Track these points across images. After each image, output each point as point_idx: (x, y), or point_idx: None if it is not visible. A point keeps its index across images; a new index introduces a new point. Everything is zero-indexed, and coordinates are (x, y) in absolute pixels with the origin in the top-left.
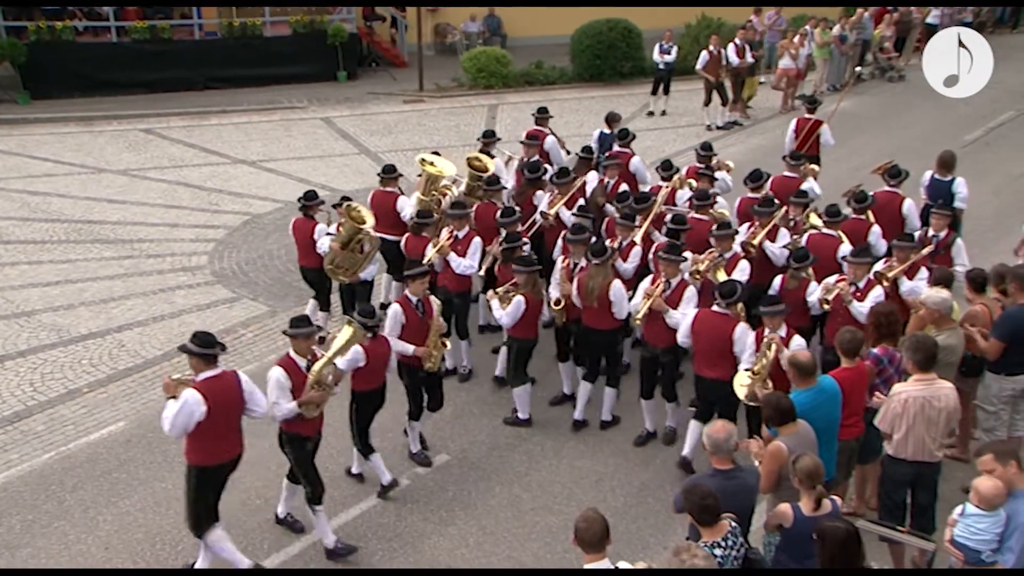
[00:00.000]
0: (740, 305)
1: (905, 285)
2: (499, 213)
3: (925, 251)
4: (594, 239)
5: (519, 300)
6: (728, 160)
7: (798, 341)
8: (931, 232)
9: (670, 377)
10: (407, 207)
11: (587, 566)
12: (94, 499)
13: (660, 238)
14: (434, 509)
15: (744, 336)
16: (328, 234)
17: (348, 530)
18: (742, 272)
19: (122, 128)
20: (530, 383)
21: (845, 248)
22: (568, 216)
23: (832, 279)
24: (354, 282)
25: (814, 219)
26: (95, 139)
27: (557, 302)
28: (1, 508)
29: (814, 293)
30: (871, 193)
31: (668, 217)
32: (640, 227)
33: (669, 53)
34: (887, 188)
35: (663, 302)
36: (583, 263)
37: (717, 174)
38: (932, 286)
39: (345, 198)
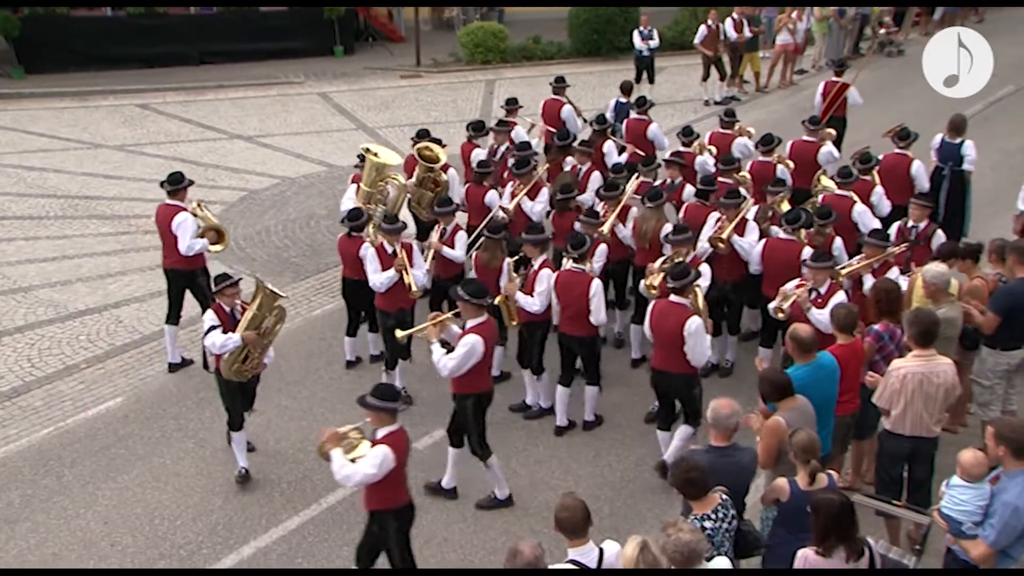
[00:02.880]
0: (803, 232)
1: (869, 281)
2: (436, 202)
3: (898, 249)
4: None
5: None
6: (749, 127)
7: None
8: (911, 223)
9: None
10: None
11: (571, 551)
12: (92, 474)
13: (624, 231)
14: None
15: None
16: (213, 327)
17: (346, 505)
18: (704, 277)
19: (118, 103)
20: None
21: (858, 208)
22: (530, 208)
23: (791, 284)
24: (258, 372)
25: (825, 181)
26: (90, 114)
27: (505, 298)
28: (0, 483)
29: (772, 301)
30: (880, 156)
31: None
32: (605, 222)
33: (652, 38)
34: (896, 150)
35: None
36: (538, 262)
37: (738, 139)
38: (937, 260)
39: (223, 276)
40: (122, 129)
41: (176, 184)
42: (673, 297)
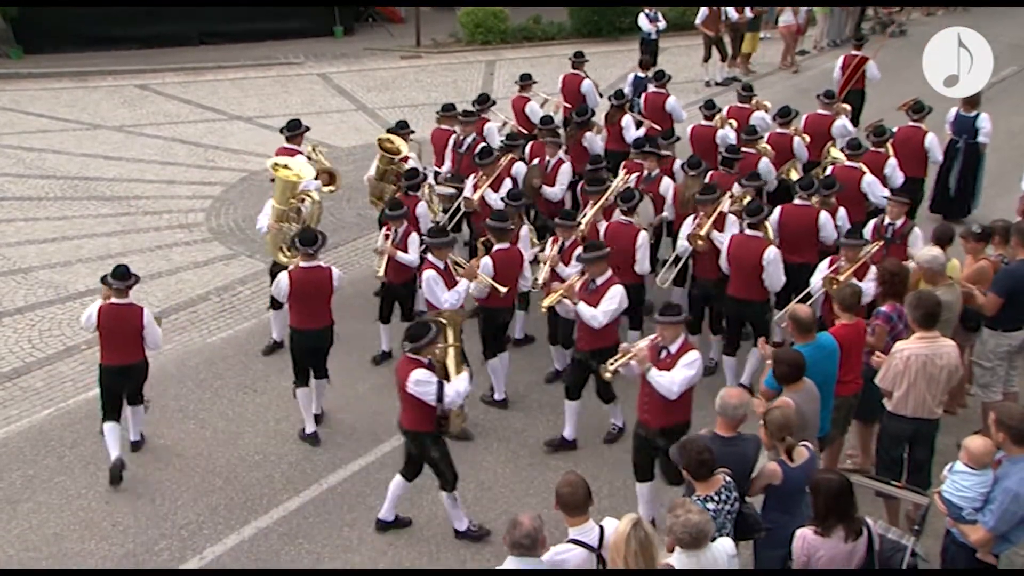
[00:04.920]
0: (816, 198)
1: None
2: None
3: (874, 247)
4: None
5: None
6: (766, 101)
7: None
8: (887, 220)
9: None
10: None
11: (571, 530)
12: (93, 455)
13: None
14: None
15: (828, 222)
16: (440, 382)
17: (347, 486)
18: (611, 300)
19: (117, 84)
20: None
21: (868, 179)
22: (494, 199)
23: (644, 342)
24: None
25: (835, 152)
26: (90, 95)
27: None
28: (1, 463)
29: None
30: (894, 129)
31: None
32: (579, 224)
33: (659, 20)
34: (910, 123)
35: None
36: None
37: (756, 113)
38: (933, 243)
39: (423, 327)
40: (121, 110)
41: (294, 130)
42: (748, 231)
